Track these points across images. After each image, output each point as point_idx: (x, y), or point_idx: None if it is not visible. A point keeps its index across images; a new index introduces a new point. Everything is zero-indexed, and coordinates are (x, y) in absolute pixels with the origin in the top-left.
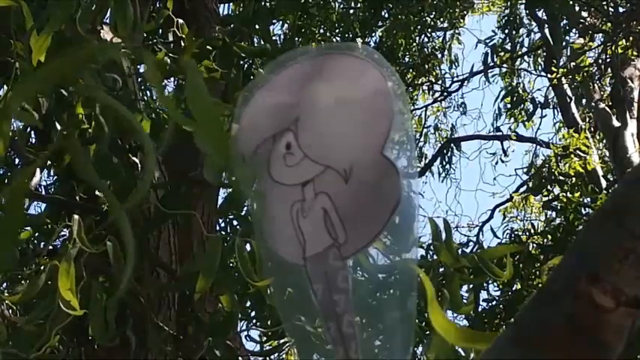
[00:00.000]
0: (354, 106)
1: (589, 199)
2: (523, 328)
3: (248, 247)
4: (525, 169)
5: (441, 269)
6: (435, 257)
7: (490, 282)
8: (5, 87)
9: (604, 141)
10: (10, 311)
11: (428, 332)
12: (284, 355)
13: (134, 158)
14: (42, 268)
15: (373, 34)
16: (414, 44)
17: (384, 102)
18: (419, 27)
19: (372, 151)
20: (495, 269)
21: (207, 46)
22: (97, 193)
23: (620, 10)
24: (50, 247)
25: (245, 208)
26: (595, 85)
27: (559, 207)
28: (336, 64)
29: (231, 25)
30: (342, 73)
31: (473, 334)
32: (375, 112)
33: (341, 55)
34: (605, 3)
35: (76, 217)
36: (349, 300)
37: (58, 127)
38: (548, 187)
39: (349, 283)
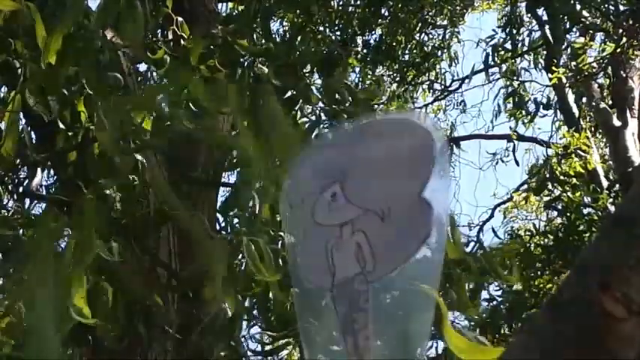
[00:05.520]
0: (400, 159)
1: (590, 198)
2: (535, 335)
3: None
4: (527, 169)
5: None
6: None
7: (490, 282)
8: (6, 87)
9: (604, 140)
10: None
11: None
12: (285, 356)
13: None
14: None
15: (373, 32)
16: (414, 42)
17: (428, 153)
18: (419, 25)
19: (411, 194)
20: (504, 274)
21: (210, 46)
22: (106, 193)
23: (621, 8)
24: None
25: (247, 208)
26: (596, 84)
27: (560, 207)
28: (388, 124)
29: (231, 26)
30: (393, 131)
31: (482, 349)
32: (419, 162)
33: (394, 119)
34: (605, 2)
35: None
36: (368, 318)
37: (61, 126)
38: (549, 186)
39: (370, 302)
